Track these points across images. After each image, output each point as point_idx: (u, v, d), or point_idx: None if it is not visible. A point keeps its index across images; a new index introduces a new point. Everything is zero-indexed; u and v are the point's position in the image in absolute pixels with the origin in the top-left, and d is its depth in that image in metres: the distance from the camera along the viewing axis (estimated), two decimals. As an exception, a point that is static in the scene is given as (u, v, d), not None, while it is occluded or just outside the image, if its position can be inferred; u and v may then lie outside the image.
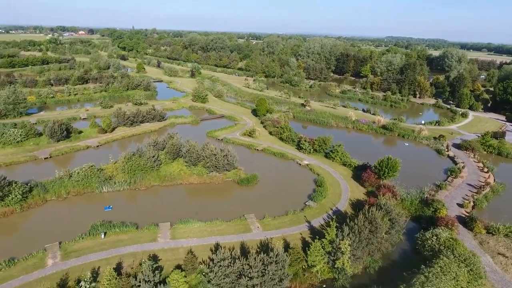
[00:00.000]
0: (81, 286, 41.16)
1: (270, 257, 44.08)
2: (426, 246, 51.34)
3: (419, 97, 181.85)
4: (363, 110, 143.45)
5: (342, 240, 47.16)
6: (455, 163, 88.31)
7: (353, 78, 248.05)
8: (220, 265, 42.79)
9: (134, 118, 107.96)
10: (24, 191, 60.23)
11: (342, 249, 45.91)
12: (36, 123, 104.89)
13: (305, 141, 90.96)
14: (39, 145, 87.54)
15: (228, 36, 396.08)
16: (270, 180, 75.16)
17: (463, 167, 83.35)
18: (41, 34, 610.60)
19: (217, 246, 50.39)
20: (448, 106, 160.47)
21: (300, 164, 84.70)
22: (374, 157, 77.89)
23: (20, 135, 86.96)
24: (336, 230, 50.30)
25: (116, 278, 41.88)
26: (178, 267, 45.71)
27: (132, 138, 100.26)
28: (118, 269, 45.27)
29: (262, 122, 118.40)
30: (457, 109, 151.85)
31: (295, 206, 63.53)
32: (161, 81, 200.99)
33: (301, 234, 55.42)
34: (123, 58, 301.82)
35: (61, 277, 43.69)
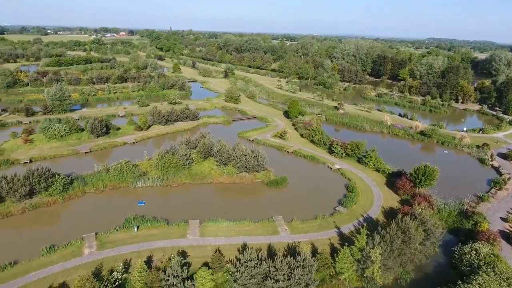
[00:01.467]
0: (114, 276, 42.99)
1: (297, 261, 43.56)
2: (464, 260, 48.35)
3: (462, 103, 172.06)
4: (400, 115, 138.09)
5: (373, 248, 45.61)
6: (500, 174, 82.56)
7: (390, 81, 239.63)
8: (247, 266, 42.92)
9: (169, 117, 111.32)
10: (65, 182, 64.09)
11: (372, 258, 44.38)
12: (78, 119, 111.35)
13: (337, 144, 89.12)
14: (80, 140, 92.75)
15: (262, 37, 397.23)
16: (299, 183, 74.41)
17: (508, 179, 77.70)
18: (86, 35, 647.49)
19: (244, 246, 50.66)
20: (494, 113, 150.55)
21: (331, 168, 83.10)
22: (410, 164, 74.75)
23: (64, 130, 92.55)
24: (367, 238, 48.80)
25: (146, 271, 43.26)
26: (206, 264, 46.46)
27: (166, 136, 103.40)
28: (148, 262, 46.84)
29: (293, 124, 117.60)
30: (504, 116, 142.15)
31: (324, 211, 62.41)
32: (196, 81, 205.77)
33: (329, 239, 54.32)
34: (160, 58, 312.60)
35: (96, 266, 45.94)
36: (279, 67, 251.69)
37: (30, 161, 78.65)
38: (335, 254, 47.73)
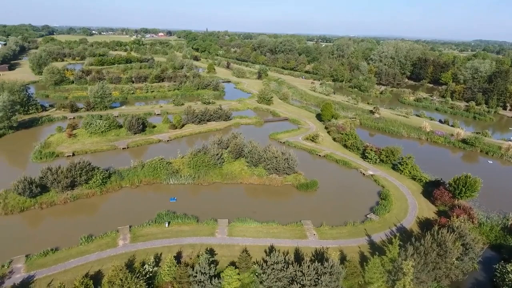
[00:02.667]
0: (145, 268, 44.60)
1: (325, 267, 42.77)
2: (507, 280, 45.03)
3: (511, 110, 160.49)
4: (440, 121, 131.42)
5: (405, 260, 43.71)
6: (552, 188, 76.03)
7: (430, 85, 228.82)
8: (273, 268, 42.83)
9: (202, 116, 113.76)
10: (104, 176, 67.48)
11: (404, 270, 42.52)
12: (118, 116, 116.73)
13: (371, 150, 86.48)
14: (119, 136, 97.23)
15: (297, 38, 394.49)
16: (330, 188, 73.07)
17: (562, 194, 71.39)
18: (127, 36, 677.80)
19: (271, 248, 50.62)
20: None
21: (363, 174, 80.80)
22: (450, 174, 70.93)
23: (104, 126, 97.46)
24: (399, 249, 46.89)
25: (175, 266, 44.53)
26: (233, 263, 46.92)
27: (199, 135, 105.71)
28: (178, 257, 48.12)
29: (326, 128, 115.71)
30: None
31: (355, 218, 60.80)
32: (229, 81, 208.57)
33: (359, 247, 52.84)
34: (196, 58, 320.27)
35: (129, 257, 47.92)
36: (313, 69, 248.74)
37: (73, 154, 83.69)
38: (364, 263, 46.39)
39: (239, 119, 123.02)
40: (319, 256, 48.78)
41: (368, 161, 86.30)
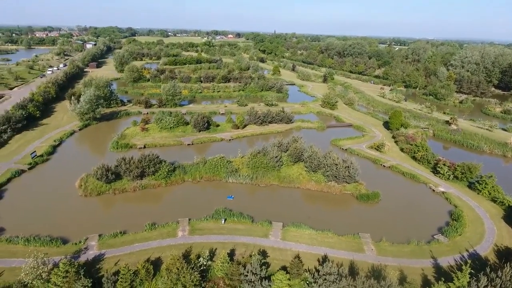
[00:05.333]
0: (200, 261, 46.47)
1: (381, 286, 40.08)
2: None
3: None
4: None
5: (477, 292, 38.95)
6: None
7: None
8: (325, 279, 41.46)
9: (264, 118, 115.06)
10: (169, 169, 72.03)
11: (476, 303, 37.93)
12: (185, 114, 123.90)
13: (444, 164, 78.87)
14: (185, 133, 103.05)
15: (368, 41, 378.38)
16: (393, 202, 68.37)
17: None
18: (199, 37, 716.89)
19: (325, 258, 49.11)
20: None
21: (433, 190, 74.05)
22: (541, 199, 61.42)
23: (173, 122, 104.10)
24: (470, 278, 41.90)
25: (228, 263, 45.65)
26: (284, 268, 46.48)
27: (259, 136, 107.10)
28: (231, 254, 49.19)
29: (393, 137, 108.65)
30: None
31: (419, 237, 55.97)
32: (294, 84, 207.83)
33: (422, 270, 48.49)
34: (262, 60, 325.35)
35: (186, 248, 50.39)
36: (384, 73, 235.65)
37: (144, 147, 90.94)
38: (427, 288, 42.45)
39: (301, 122, 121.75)
40: (376, 273, 45.90)
41: (439, 177, 78.85)
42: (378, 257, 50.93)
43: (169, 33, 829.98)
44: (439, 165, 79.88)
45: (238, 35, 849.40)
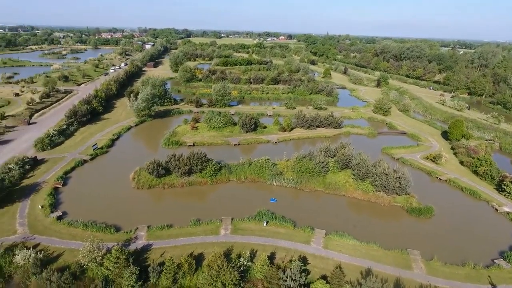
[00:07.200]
0: (241, 261, 47.00)
1: (430, 310, 37.29)
2: None
3: None
4: None
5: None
6: None
7: None
8: (368, 294, 39.59)
9: (312, 121, 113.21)
10: (215, 168, 73.91)
11: None
12: (233, 114, 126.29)
13: (511, 182, 71.27)
14: (232, 133, 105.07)
15: (428, 44, 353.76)
16: (448, 218, 63.31)
17: None
18: (251, 39, 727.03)
19: (368, 271, 47.05)
20: None
21: (496, 209, 67.24)
22: None
23: (221, 122, 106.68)
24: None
25: (268, 266, 45.59)
26: (324, 277, 45.34)
27: (306, 140, 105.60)
28: (271, 257, 49.08)
29: (452, 148, 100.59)
30: None
31: (477, 259, 51.17)
32: (345, 88, 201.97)
33: (479, 296, 44.27)
34: (313, 62, 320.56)
35: (228, 247, 51.29)
36: (445, 79, 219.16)
37: (193, 145, 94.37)
38: (484, 318, 38.60)
39: (350, 128, 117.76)
40: (425, 294, 42.85)
41: (505, 195, 71.42)
42: (428, 276, 47.53)
43: (222, 35, 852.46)
44: (505, 182, 72.36)
45: (290, 36, 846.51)
